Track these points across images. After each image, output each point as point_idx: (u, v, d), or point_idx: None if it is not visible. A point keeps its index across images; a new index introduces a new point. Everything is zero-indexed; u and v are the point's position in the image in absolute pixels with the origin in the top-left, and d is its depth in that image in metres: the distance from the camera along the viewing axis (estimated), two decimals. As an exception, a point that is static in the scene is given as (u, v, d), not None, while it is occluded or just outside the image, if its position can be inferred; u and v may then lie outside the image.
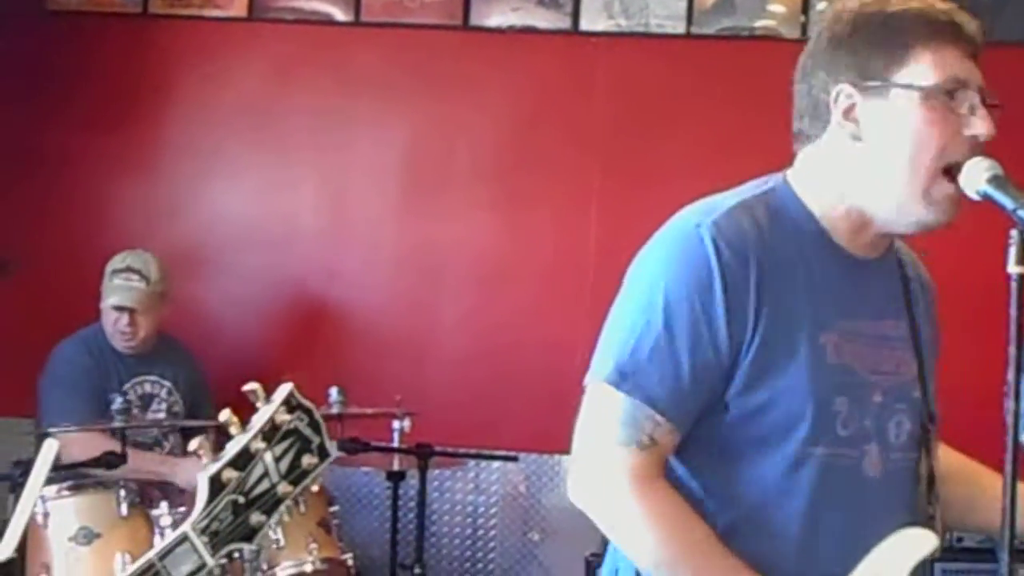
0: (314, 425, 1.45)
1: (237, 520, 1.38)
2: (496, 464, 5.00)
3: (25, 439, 4.45)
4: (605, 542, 4.04)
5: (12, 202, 5.08)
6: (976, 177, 1.96)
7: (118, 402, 4.38)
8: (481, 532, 5.17)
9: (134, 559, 3.60)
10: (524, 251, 5.12)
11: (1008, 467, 1.91)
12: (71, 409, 4.17)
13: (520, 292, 5.14)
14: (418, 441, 4.08)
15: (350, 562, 4.05)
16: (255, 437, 1.40)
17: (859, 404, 2.09)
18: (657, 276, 2.06)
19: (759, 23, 4.96)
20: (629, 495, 2.00)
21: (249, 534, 1.40)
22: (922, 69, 2.01)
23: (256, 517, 1.40)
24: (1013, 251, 1.85)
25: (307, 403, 1.46)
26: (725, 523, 2.04)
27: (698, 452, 2.07)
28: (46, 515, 3.69)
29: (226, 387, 4.64)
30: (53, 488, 3.73)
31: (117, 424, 4.00)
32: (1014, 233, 1.87)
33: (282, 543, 3.85)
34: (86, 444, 3.98)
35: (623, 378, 2.00)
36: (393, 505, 4.16)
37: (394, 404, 4.17)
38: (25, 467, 3.87)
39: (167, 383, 4.53)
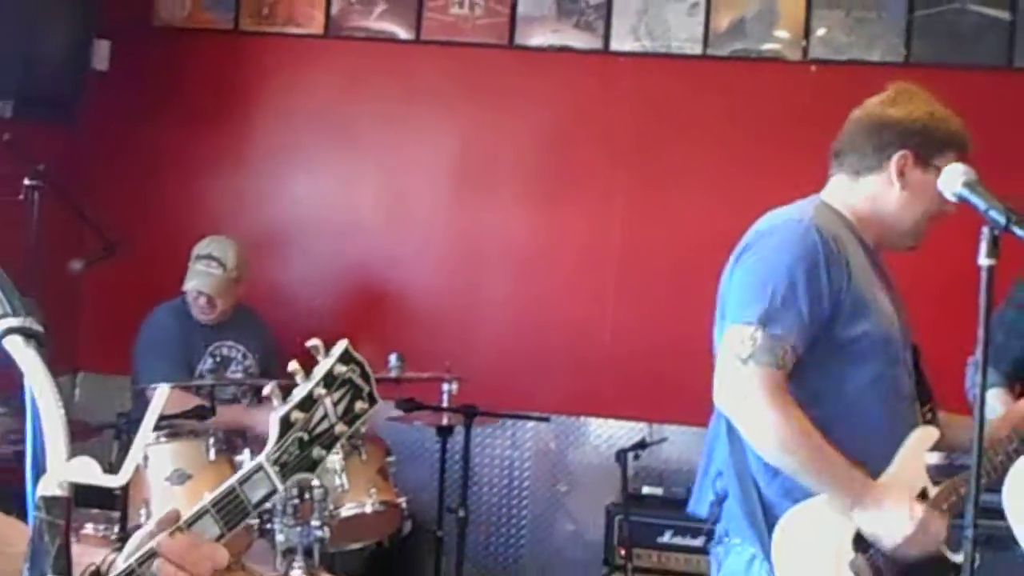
0: (365, 376, 1.45)
1: (302, 454, 1.40)
2: (530, 424, 5.02)
3: (127, 394, 4.52)
4: (623, 493, 4.13)
5: (119, 193, 5.13)
6: (953, 181, 2.00)
7: (208, 363, 4.45)
8: (516, 483, 5.20)
9: (219, 497, 3.66)
10: (557, 241, 5.12)
11: (976, 429, 1.95)
12: (160, 369, 4.23)
13: (553, 277, 5.16)
14: (464, 402, 4.12)
15: (404, 505, 4.09)
16: (317, 384, 1.42)
17: (901, 337, 2.65)
18: (783, 254, 2.57)
19: (766, 46, 4.93)
20: (767, 401, 2.46)
21: (312, 466, 1.42)
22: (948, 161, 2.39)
23: (317, 452, 1.42)
24: (984, 246, 1.88)
25: (359, 357, 1.46)
26: (825, 421, 2.50)
27: (810, 371, 2.56)
28: (146, 459, 3.75)
29: (297, 353, 4.68)
30: (152, 436, 3.77)
31: (207, 382, 4.05)
32: (985, 230, 1.90)
33: (346, 487, 3.88)
34: (175, 400, 4.03)
35: (767, 320, 2.49)
36: (441, 457, 4.21)
37: (444, 370, 4.19)
38: (127, 418, 3.93)
39: (242, 348, 4.56)
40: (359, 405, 1.45)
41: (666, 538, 4.51)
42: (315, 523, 3.72)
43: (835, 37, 4.89)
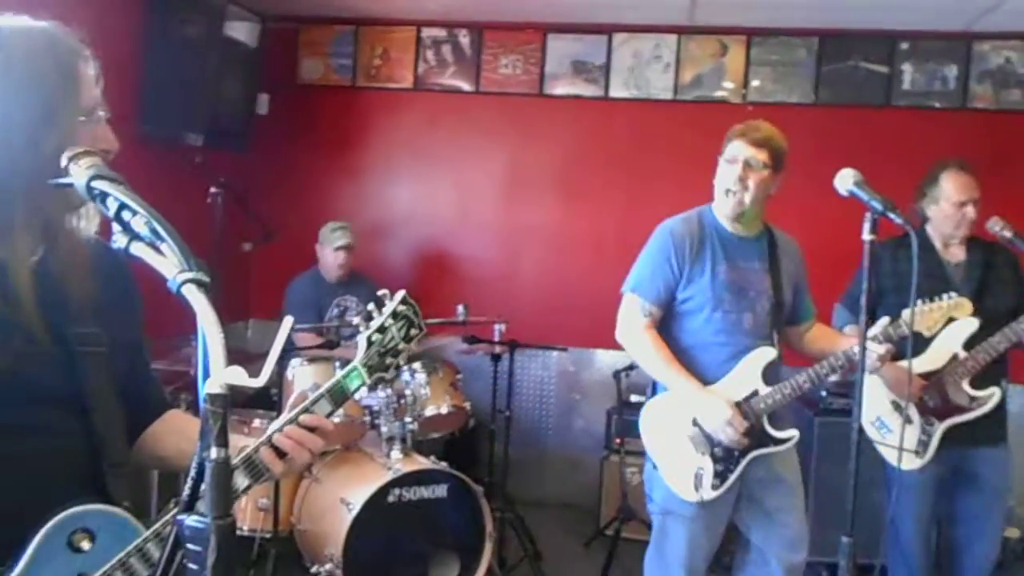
0: (416, 313, 1.62)
1: (381, 361, 1.57)
2: (555, 353, 5.03)
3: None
4: (618, 400, 4.10)
5: (276, 196, 5.15)
6: (846, 181, 1.96)
7: (334, 311, 4.47)
8: (545, 394, 5.22)
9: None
10: (574, 227, 5.13)
11: (860, 372, 1.91)
12: (298, 315, 4.19)
13: (571, 250, 5.17)
14: (510, 338, 4.10)
15: (468, 408, 4.09)
16: (387, 317, 1.58)
17: (737, 296, 2.71)
18: (651, 246, 2.83)
19: (717, 93, 4.88)
20: (643, 336, 2.75)
21: (386, 368, 1.58)
22: (728, 150, 2.73)
23: (390, 359, 1.58)
24: (866, 225, 1.84)
25: (413, 301, 1.63)
26: (679, 350, 2.73)
27: (667, 320, 2.79)
28: (293, 377, 3.78)
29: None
30: (296, 361, 3.80)
31: (330, 324, 4.08)
32: (867, 215, 1.86)
33: (428, 395, 3.89)
34: (308, 339, 4.06)
35: (638, 288, 2.80)
36: (494, 376, 4.18)
37: (495, 316, 4.16)
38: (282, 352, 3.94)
39: (356, 299, 4.58)
40: (413, 331, 1.62)
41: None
42: (407, 419, 3.73)
43: (765, 86, 4.84)
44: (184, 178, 4.44)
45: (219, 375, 0.94)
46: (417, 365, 3.95)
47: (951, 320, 2.69)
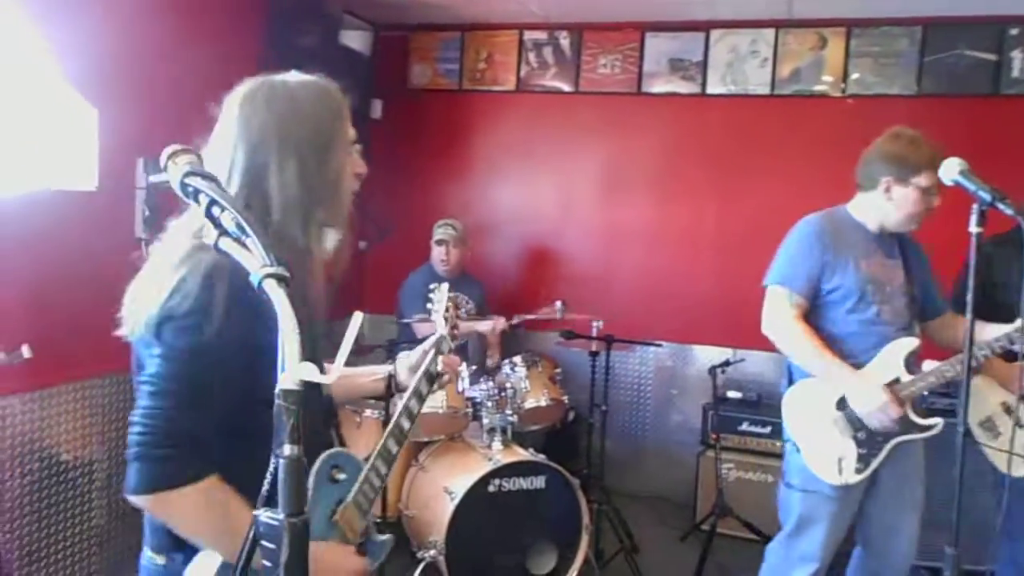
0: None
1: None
2: (652, 349, 4.90)
3: (393, 327, 4.57)
4: (714, 396, 3.97)
5: (390, 196, 5.20)
6: (951, 170, 1.80)
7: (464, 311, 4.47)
8: (643, 389, 5.09)
9: (447, 394, 3.66)
10: (671, 223, 4.99)
11: (966, 355, 1.75)
12: (411, 310, 4.19)
13: (668, 248, 5.01)
14: (606, 334, 3.97)
15: (566, 400, 4.02)
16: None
17: (878, 288, 2.70)
18: (793, 240, 2.79)
19: (816, 87, 4.63)
20: (793, 326, 2.70)
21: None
22: (923, 179, 2.58)
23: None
24: (973, 217, 1.69)
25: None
26: (830, 336, 2.70)
27: (811, 312, 2.74)
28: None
29: (499, 300, 4.67)
30: (403, 355, 3.79)
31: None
32: (975, 206, 1.70)
33: (528, 388, 3.85)
34: (426, 329, 4.04)
35: (784, 280, 2.75)
36: (592, 371, 4.05)
37: (593, 312, 4.05)
38: (391, 343, 3.98)
39: (465, 296, 4.55)
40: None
41: (743, 427, 4.38)
42: (508, 411, 3.71)
43: (865, 78, 4.55)
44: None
45: (293, 371, 0.91)
46: (517, 359, 3.90)
47: None
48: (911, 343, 2.69)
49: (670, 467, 4.95)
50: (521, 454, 3.58)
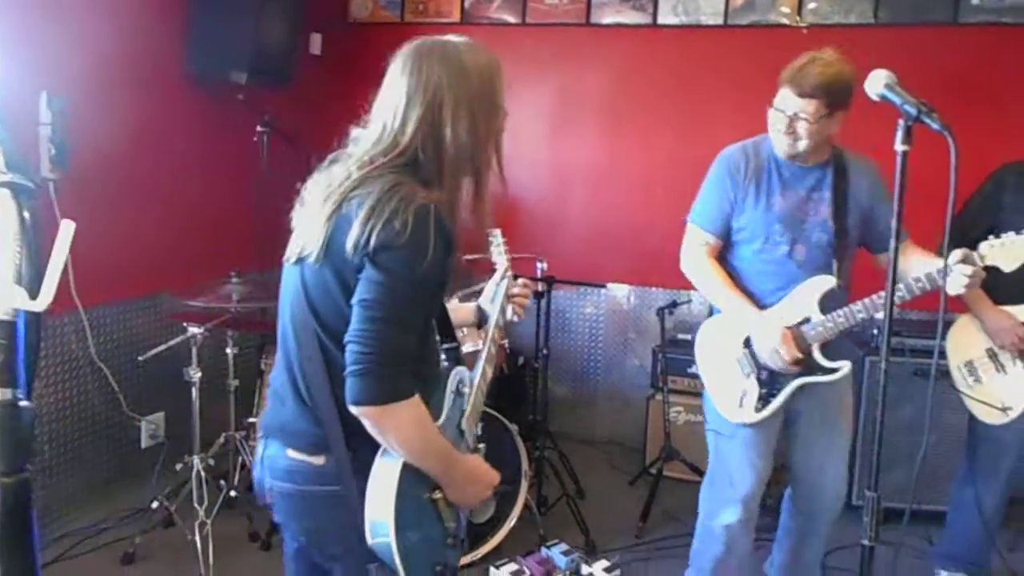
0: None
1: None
2: (604, 291, 4.81)
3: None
4: (662, 339, 3.86)
5: (329, 134, 4.93)
6: (877, 83, 1.63)
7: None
8: (596, 332, 4.96)
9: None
10: (621, 163, 4.82)
11: (889, 285, 1.62)
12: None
13: (619, 186, 4.86)
14: (550, 275, 3.81)
15: (507, 344, 3.87)
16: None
17: (790, 227, 2.57)
18: (710, 175, 2.72)
19: (771, 16, 4.44)
20: (699, 262, 2.69)
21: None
22: (777, 97, 2.50)
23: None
24: (899, 134, 1.53)
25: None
26: (734, 278, 2.66)
27: (725, 248, 2.71)
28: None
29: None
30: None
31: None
32: (900, 122, 1.55)
33: (466, 333, 3.68)
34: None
35: (695, 218, 2.73)
36: (537, 313, 3.85)
37: (538, 253, 3.88)
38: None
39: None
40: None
41: (692, 369, 4.17)
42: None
43: (821, 7, 4.37)
44: (230, 117, 4.31)
45: (4, 298, 0.74)
46: (454, 302, 3.73)
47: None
48: (825, 282, 2.55)
49: (623, 411, 4.86)
50: (457, 400, 3.44)
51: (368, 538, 1.53)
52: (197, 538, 3.19)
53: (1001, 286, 2.74)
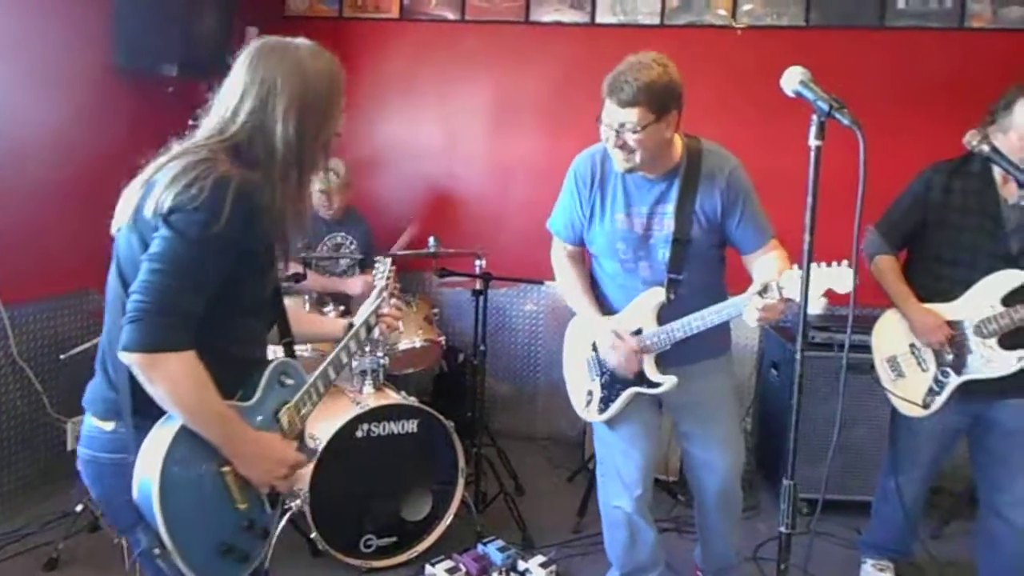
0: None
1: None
2: (545, 289, 4.84)
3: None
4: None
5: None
6: (792, 80, 1.67)
7: (325, 248, 4.26)
8: (536, 330, 4.99)
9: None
10: (560, 160, 4.73)
11: (803, 282, 1.65)
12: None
13: (557, 183, 4.80)
14: (487, 272, 3.80)
15: (443, 341, 3.87)
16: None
17: (632, 243, 2.55)
18: (565, 182, 2.76)
19: (706, 17, 4.52)
20: (556, 265, 2.82)
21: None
22: (603, 111, 2.47)
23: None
24: (812, 130, 1.56)
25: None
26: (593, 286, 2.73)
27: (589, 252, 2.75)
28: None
29: (384, 237, 4.47)
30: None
31: (302, 256, 3.82)
32: (814, 117, 1.58)
33: (401, 329, 3.68)
34: (293, 267, 3.82)
35: (552, 224, 2.83)
36: (475, 311, 3.82)
37: (477, 249, 3.87)
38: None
39: (349, 236, 4.34)
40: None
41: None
42: (379, 354, 3.53)
43: (755, 9, 4.47)
44: (160, 111, 4.21)
45: None
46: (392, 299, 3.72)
47: (829, 290, 2.19)
48: (655, 296, 2.54)
49: (563, 408, 4.84)
50: (392, 398, 3.43)
51: (134, 494, 1.54)
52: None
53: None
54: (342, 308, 3.64)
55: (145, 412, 1.57)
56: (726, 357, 2.82)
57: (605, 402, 2.71)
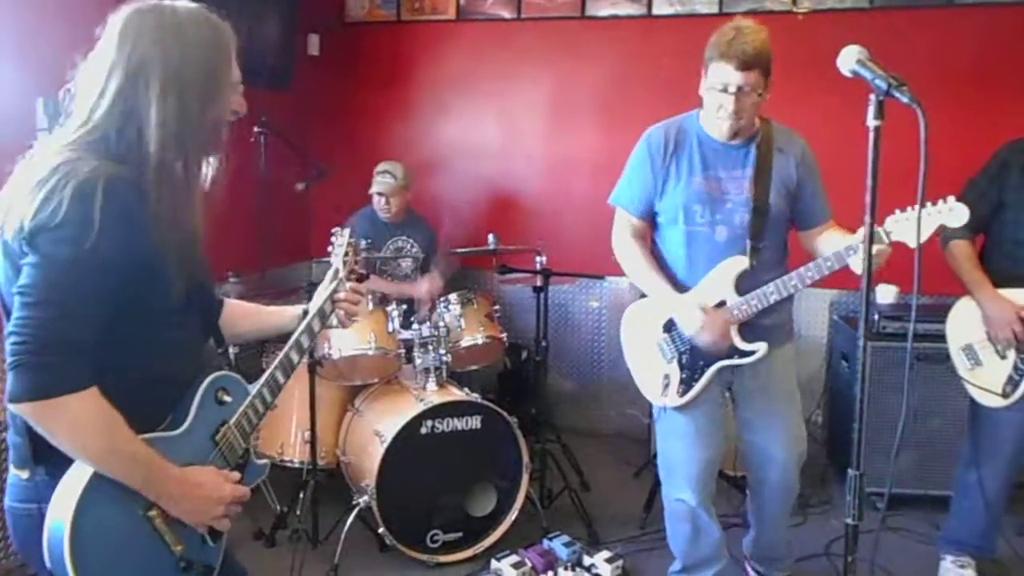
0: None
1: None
2: (607, 284, 4.82)
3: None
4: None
5: (328, 135, 5.08)
6: (849, 59, 1.62)
7: (388, 251, 4.31)
8: (600, 325, 4.96)
9: (377, 335, 3.53)
10: (619, 154, 4.71)
11: (865, 267, 1.60)
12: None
13: (616, 178, 4.79)
14: (545, 268, 3.79)
15: (505, 338, 3.86)
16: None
17: (709, 206, 2.54)
18: (632, 155, 2.76)
19: (767, 3, 4.44)
20: (622, 245, 2.75)
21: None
22: (709, 73, 2.46)
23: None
24: (871, 109, 1.52)
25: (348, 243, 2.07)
26: (659, 261, 2.69)
27: (654, 229, 2.75)
28: (330, 308, 3.64)
29: (449, 240, 4.50)
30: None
31: (364, 257, 3.87)
32: (872, 97, 1.54)
33: (463, 326, 3.70)
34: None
35: (618, 199, 2.79)
36: (536, 307, 3.82)
37: (536, 245, 3.86)
38: (311, 284, 3.80)
39: (411, 241, 4.39)
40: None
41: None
42: (442, 351, 3.56)
43: (817, -8, 4.37)
44: (226, 119, 4.33)
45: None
46: (452, 297, 3.76)
47: (942, 228, 2.27)
48: (738, 263, 2.54)
49: (628, 403, 4.86)
50: (455, 394, 3.46)
51: (44, 545, 1.34)
52: None
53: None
54: (404, 307, 3.68)
55: (53, 459, 1.37)
56: (792, 346, 2.78)
57: (687, 383, 2.65)
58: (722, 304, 2.55)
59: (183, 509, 1.45)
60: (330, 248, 2.03)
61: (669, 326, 2.66)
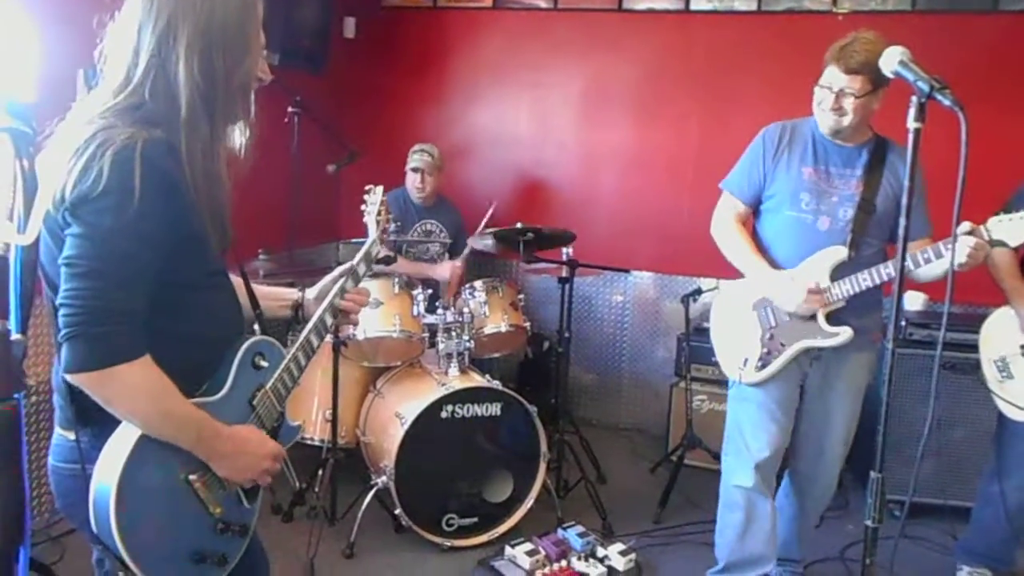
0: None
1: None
2: (632, 278, 4.81)
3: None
4: (687, 327, 3.85)
5: (361, 118, 5.07)
6: (891, 60, 1.60)
7: (417, 234, 4.33)
8: (623, 319, 4.93)
9: (402, 318, 3.54)
10: (651, 148, 4.79)
11: (898, 266, 1.58)
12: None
13: (647, 173, 4.83)
14: (571, 259, 3.79)
15: (528, 327, 3.86)
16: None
17: (816, 196, 2.65)
18: (750, 146, 2.81)
19: (807, 4, 4.38)
20: (724, 226, 2.81)
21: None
22: (824, 75, 2.56)
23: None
24: (912, 111, 1.50)
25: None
26: (766, 239, 2.78)
27: (757, 216, 2.83)
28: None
29: (473, 223, 4.50)
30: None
31: (392, 238, 3.88)
32: (913, 99, 1.52)
33: (487, 313, 3.70)
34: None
35: (727, 183, 2.85)
36: (561, 298, 3.82)
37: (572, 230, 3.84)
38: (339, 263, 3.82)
39: (440, 224, 4.40)
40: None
41: (716, 358, 4.19)
42: (465, 337, 3.57)
43: (859, -7, 4.31)
44: (260, 98, 4.35)
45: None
46: (478, 283, 3.76)
47: None
48: (836, 253, 2.64)
49: (648, 399, 4.85)
50: (477, 380, 3.46)
51: (90, 506, 1.36)
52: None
53: None
54: (430, 292, 3.69)
55: (98, 422, 1.39)
56: (872, 356, 2.84)
57: (766, 359, 2.74)
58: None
59: (233, 465, 1.49)
60: (363, 207, 2.08)
61: (759, 304, 2.78)
